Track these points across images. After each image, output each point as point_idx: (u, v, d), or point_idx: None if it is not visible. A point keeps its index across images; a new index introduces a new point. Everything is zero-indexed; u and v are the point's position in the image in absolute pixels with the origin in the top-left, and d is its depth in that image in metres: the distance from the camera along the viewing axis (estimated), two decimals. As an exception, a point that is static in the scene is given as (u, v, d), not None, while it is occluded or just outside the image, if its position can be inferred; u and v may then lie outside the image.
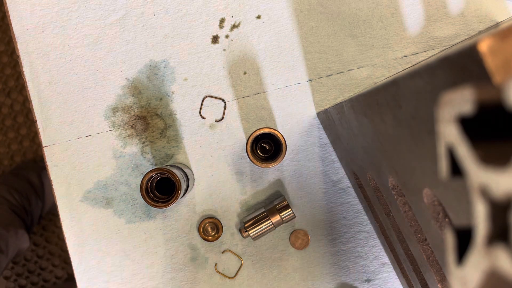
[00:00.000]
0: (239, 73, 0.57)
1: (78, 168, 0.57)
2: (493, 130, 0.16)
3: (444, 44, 0.56)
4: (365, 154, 0.41)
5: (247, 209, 0.57)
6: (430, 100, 0.22)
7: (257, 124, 0.57)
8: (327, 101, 0.57)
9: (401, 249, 0.44)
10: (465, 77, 0.18)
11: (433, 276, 0.35)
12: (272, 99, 0.57)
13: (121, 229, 0.57)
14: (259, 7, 0.57)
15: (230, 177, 0.57)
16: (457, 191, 0.23)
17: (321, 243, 0.57)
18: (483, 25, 0.56)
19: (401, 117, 0.27)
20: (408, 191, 0.32)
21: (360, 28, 0.57)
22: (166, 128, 0.57)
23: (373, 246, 0.57)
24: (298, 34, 0.57)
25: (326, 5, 0.57)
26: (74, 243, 0.57)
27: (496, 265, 0.14)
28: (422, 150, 0.25)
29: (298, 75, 0.57)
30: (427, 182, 0.27)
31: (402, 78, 0.25)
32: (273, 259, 0.57)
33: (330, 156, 0.57)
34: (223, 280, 0.57)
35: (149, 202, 0.50)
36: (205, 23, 0.57)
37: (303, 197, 0.57)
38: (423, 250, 0.35)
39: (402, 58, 0.57)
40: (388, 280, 0.57)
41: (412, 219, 0.36)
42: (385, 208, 0.43)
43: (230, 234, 0.57)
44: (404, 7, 0.57)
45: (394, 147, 0.31)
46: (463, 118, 0.16)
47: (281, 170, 0.57)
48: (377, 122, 0.32)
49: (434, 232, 0.30)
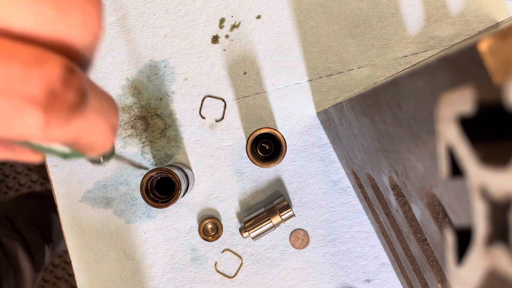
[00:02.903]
0: (239, 73, 0.57)
1: (78, 168, 0.57)
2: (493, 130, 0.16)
3: (444, 44, 0.56)
4: (365, 154, 0.41)
5: (247, 209, 0.57)
6: (430, 100, 0.22)
7: (257, 124, 0.57)
8: (327, 101, 0.57)
9: (401, 249, 0.44)
10: (465, 77, 0.18)
11: (433, 276, 0.35)
12: (272, 99, 0.57)
13: (121, 229, 0.57)
14: (259, 7, 0.57)
15: (230, 177, 0.57)
16: (457, 191, 0.23)
17: (321, 243, 0.57)
18: (483, 25, 0.56)
19: (401, 117, 0.27)
20: (408, 191, 0.32)
21: (360, 28, 0.57)
22: (166, 128, 0.57)
23: (373, 246, 0.57)
24: (298, 34, 0.57)
25: (326, 5, 0.57)
26: (74, 243, 0.57)
27: (495, 265, 0.14)
28: (422, 150, 0.25)
29: (298, 75, 0.57)
30: (427, 182, 0.27)
31: (402, 78, 0.25)
32: (273, 259, 0.57)
33: (330, 156, 0.57)
34: (223, 280, 0.57)
35: (149, 202, 0.50)
36: (205, 23, 0.57)
37: (303, 197, 0.57)
38: (423, 250, 0.35)
39: (402, 58, 0.57)
40: (388, 280, 0.57)
41: (412, 219, 0.36)
42: (385, 208, 0.43)
43: (230, 234, 0.57)
44: (404, 7, 0.57)
45: (394, 147, 0.31)
46: (463, 118, 0.16)
47: (281, 170, 0.57)
48: (377, 122, 0.32)
49: (434, 232, 0.30)
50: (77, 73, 0.17)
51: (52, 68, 0.17)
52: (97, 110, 0.19)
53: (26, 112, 0.16)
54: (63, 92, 0.17)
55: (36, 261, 0.94)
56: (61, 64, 0.17)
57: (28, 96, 0.16)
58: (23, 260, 0.89)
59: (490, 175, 0.14)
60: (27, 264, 0.90)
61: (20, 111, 0.16)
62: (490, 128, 0.16)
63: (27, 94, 0.16)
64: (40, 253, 0.96)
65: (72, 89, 0.17)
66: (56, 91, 0.17)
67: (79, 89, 0.17)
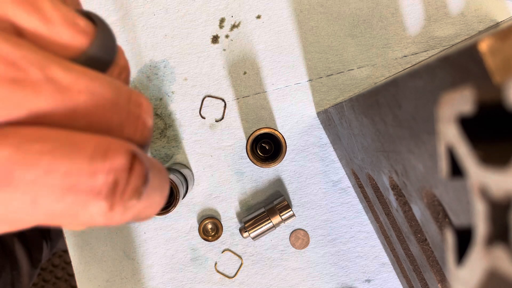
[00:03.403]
0: (239, 73, 0.57)
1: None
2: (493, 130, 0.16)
3: (444, 44, 0.56)
4: (365, 154, 0.41)
5: (247, 209, 0.57)
6: (430, 100, 0.22)
7: (257, 124, 0.57)
8: (327, 101, 0.57)
9: (401, 249, 0.43)
10: (465, 77, 0.18)
11: (433, 276, 0.35)
12: (272, 99, 0.57)
13: (121, 229, 0.57)
14: (259, 7, 0.57)
15: (230, 177, 0.57)
16: (457, 191, 0.23)
17: (321, 243, 0.57)
18: (483, 25, 0.56)
19: (401, 117, 0.27)
20: (408, 191, 0.32)
21: (360, 28, 0.57)
22: (166, 128, 0.57)
23: (373, 246, 0.57)
24: (298, 34, 0.57)
25: (326, 5, 0.57)
26: (74, 243, 0.57)
27: (496, 265, 0.14)
28: (422, 150, 0.25)
29: (298, 75, 0.57)
30: (427, 182, 0.27)
31: (402, 78, 0.25)
32: (273, 259, 0.57)
33: (330, 156, 0.57)
34: (223, 280, 0.57)
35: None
36: (205, 23, 0.57)
37: (303, 197, 0.57)
38: (423, 250, 0.35)
39: (402, 58, 0.57)
40: (388, 280, 0.57)
41: (412, 219, 0.36)
42: (385, 208, 0.43)
43: (230, 234, 0.57)
44: (404, 7, 0.57)
45: (394, 147, 0.31)
46: (463, 118, 0.16)
47: (281, 170, 0.57)
48: (377, 122, 0.32)
49: (434, 232, 0.30)
50: (141, 158, 0.17)
51: (117, 158, 0.16)
52: (156, 188, 0.18)
53: (91, 204, 0.16)
54: (128, 180, 0.16)
55: (34, 257, 0.94)
56: (126, 151, 0.16)
57: (94, 190, 0.16)
58: (20, 254, 0.89)
59: (490, 175, 0.14)
60: (24, 259, 0.89)
61: (85, 205, 0.16)
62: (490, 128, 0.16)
63: (92, 188, 0.16)
64: (37, 248, 0.96)
65: (136, 176, 0.17)
66: (121, 181, 0.16)
67: (142, 174, 0.17)
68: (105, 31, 0.18)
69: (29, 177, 0.15)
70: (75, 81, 0.16)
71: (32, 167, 0.15)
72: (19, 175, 0.14)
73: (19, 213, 0.15)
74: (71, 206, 0.16)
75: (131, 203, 0.17)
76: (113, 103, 0.17)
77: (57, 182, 0.15)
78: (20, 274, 0.88)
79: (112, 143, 0.16)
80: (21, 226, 0.16)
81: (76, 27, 0.17)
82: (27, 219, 0.16)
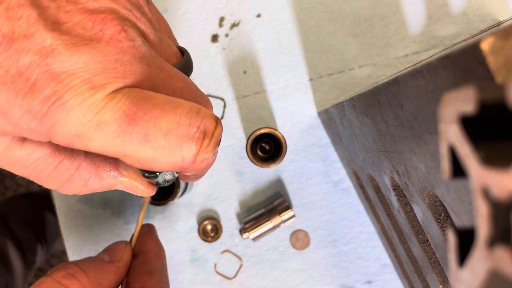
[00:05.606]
0: (239, 72, 0.57)
1: (77, 168, 0.57)
2: (496, 130, 0.16)
3: (446, 43, 0.56)
4: (366, 154, 0.40)
5: (247, 210, 0.57)
6: (432, 99, 0.22)
7: (257, 124, 0.56)
8: (328, 100, 0.56)
9: (402, 250, 0.43)
10: (467, 76, 0.18)
11: (435, 278, 0.35)
12: (272, 98, 0.56)
13: (119, 230, 0.57)
14: (259, 5, 0.57)
15: (230, 177, 0.56)
16: (459, 191, 0.23)
17: (321, 244, 0.57)
18: (485, 24, 0.56)
19: (403, 117, 0.27)
20: (409, 191, 0.32)
21: (361, 27, 0.56)
22: (166, 128, 0.57)
23: (374, 247, 0.57)
24: (299, 33, 0.57)
25: (327, 3, 0.57)
26: (72, 244, 0.57)
27: (498, 266, 0.14)
28: (424, 150, 0.25)
29: (299, 74, 0.56)
30: (429, 183, 0.27)
31: (403, 77, 0.25)
32: (273, 260, 0.57)
33: (331, 156, 0.56)
34: (223, 281, 0.57)
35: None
36: (205, 21, 0.57)
37: (304, 197, 0.57)
38: (425, 251, 0.35)
39: (403, 57, 0.56)
40: (390, 281, 0.56)
41: (413, 220, 0.36)
42: (386, 208, 0.43)
43: (230, 235, 0.57)
44: (405, 6, 0.56)
45: (395, 147, 0.31)
46: (465, 118, 0.16)
47: (281, 170, 0.57)
48: (379, 121, 0.32)
49: (436, 233, 0.30)
50: (221, 124, 0.24)
51: (207, 117, 0.23)
52: (215, 154, 0.26)
53: (185, 146, 0.22)
54: (212, 136, 0.23)
55: (28, 259, 0.94)
56: (212, 115, 0.24)
57: (188, 135, 0.22)
58: (13, 257, 0.89)
59: (493, 176, 0.14)
60: (17, 262, 0.90)
61: (181, 145, 0.22)
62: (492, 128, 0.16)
63: (187, 134, 0.22)
64: (31, 251, 0.96)
65: (216, 135, 0.23)
66: (207, 134, 0.23)
67: (219, 136, 0.24)
68: (187, 57, 0.28)
69: (145, 118, 0.21)
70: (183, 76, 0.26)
71: (146, 114, 0.21)
72: (138, 118, 0.21)
73: (135, 148, 0.22)
74: (171, 144, 0.22)
75: (208, 155, 0.23)
76: (200, 95, 0.27)
77: (163, 126, 0.22)
78: (13, 276, 0.88)
79: (202, 108, 0.23)
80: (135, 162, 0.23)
81: (176, 55, 0.27)
82: (139, 153, 0.22)
